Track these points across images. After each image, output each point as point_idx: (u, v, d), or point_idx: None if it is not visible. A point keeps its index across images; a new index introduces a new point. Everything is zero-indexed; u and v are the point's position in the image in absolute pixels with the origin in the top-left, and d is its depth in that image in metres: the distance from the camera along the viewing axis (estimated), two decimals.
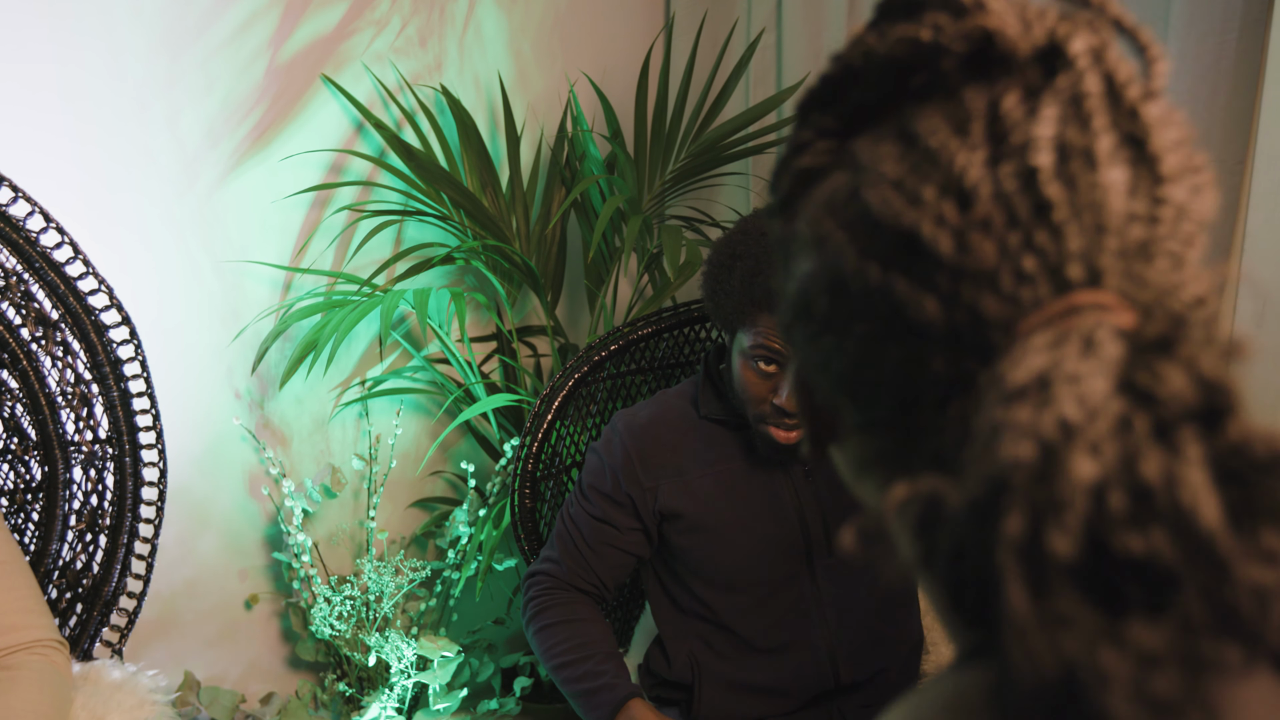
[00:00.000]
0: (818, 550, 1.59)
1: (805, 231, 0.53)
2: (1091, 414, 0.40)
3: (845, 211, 0.50)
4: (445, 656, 2.10)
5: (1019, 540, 0.39)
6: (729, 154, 2.30)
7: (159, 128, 1.96)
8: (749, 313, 1.44)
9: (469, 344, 2.18)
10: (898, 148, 0.48)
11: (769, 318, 1.42)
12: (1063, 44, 0.47)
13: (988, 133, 0.46)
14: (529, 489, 1.88)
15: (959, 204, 0.46)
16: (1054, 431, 0.39)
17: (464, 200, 2.17)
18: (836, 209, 0.50)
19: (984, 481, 0.41)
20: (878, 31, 0.50)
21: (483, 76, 2.38)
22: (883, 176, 0.48)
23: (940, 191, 0.46)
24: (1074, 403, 0.40)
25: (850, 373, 0.51)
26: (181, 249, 2.03)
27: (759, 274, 1.40)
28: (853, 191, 0.50)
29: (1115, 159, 0.46)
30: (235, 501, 2.20)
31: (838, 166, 0.52)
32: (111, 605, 1.81)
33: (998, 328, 0.46)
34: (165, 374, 2.00)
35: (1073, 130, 0.46)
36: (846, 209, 0.50)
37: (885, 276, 0.48)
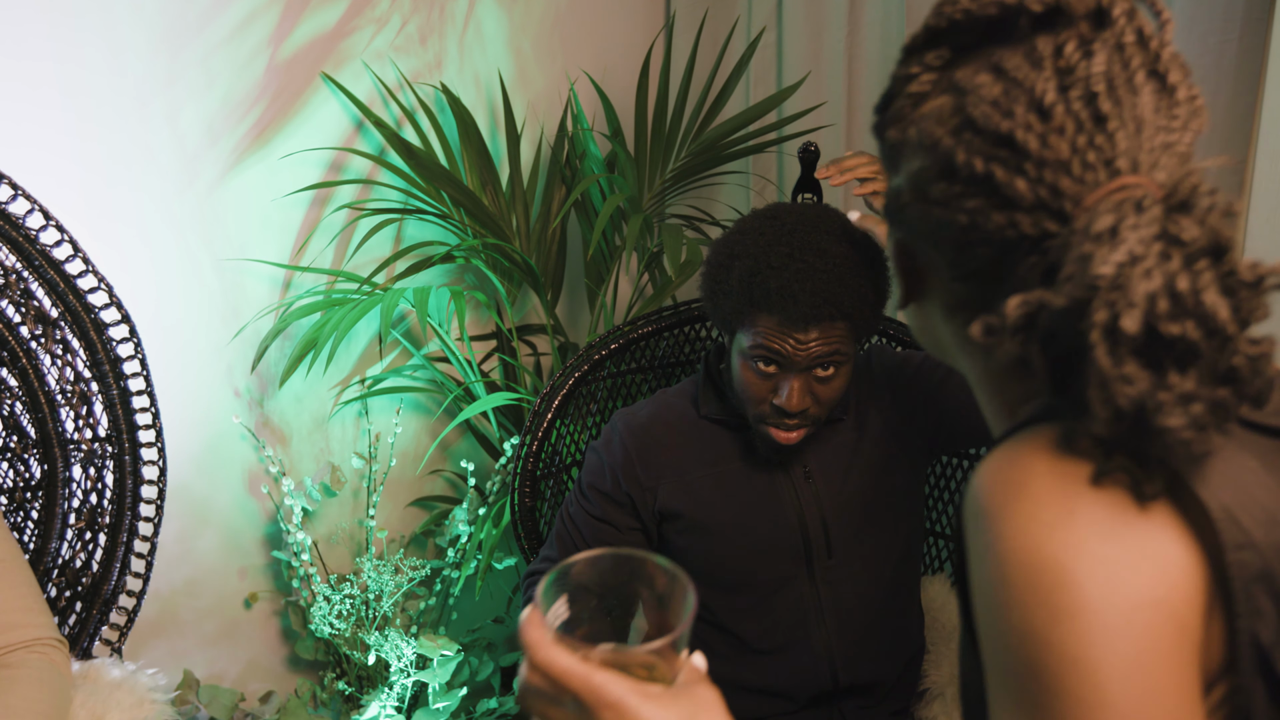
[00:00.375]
0: (817, 552, 1.59)
1: (915, 138, 0.75)
2: (1145, 251, 0.63)
3: (951, 121, 0.73)
4: (445, 655, 2.09)
5: (1105, 323, 0.62)
6: (729, 153, 2.30)
7: (159, 125, 1.95)
8: (748, 313, 1.43)
9: (469, 342, 2.17)
10: (991, 77, 0.71)
11: (768, 318, 1.41)
12: (1108, 8, 0.70)
13: (1055, 68, 0.69)
14: (529, 488, 1.88)
15: (1040, 116, 0.68)
16: (1125, 259, 0.63)
17: (464, 199, 2.17)
18: (944, 120, 0.73)
19: (1081, 289, 0.63)
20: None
21: (483, 75, 2.37)
22: (983, 97, 0.71)
23: (1027, 108, 0.69)
24: (1136, 243, 0.63)
25: (959, 236, 0.73)
26: (181, 247, 2.03)
27: (758, 274, 1.40)
28: (958, 108, 0.72)
29: (1146, 87, 0.69)
30: (235, 500, 2.20)
31: (941, 91, 0.74)
32: (111, 604, 1.81)
33: (1070, 199, 0.68)
34: (164, 372, 1.99)
35: (1117, 67, 0.69)
36: (952, 119, 0.73)
37: (988, 166, 0.70)
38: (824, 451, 1.61)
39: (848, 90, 2.37)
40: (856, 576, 1.60)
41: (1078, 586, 0.62)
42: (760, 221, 1.46)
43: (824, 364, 1.44)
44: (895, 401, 1.65)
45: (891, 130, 0.78)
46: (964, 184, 0.71)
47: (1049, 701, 0.62)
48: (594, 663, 0.67)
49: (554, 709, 0.68)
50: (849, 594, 1.61)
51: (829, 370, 1.45)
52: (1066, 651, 0.61)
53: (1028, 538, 0.64)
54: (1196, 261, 0.63)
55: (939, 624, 1.83)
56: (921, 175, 0.74)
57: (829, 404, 1.49)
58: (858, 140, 2.40)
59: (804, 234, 1.40)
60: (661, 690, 0.68)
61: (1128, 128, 0.68)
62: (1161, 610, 0.62)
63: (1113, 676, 0.61)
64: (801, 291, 1.37)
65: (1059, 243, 0.67)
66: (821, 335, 1.41)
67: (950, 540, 2.01)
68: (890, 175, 0.80)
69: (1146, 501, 0.64)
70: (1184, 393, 0.62)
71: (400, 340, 2.35)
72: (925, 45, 0.76)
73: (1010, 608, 0.64)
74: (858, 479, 1.60)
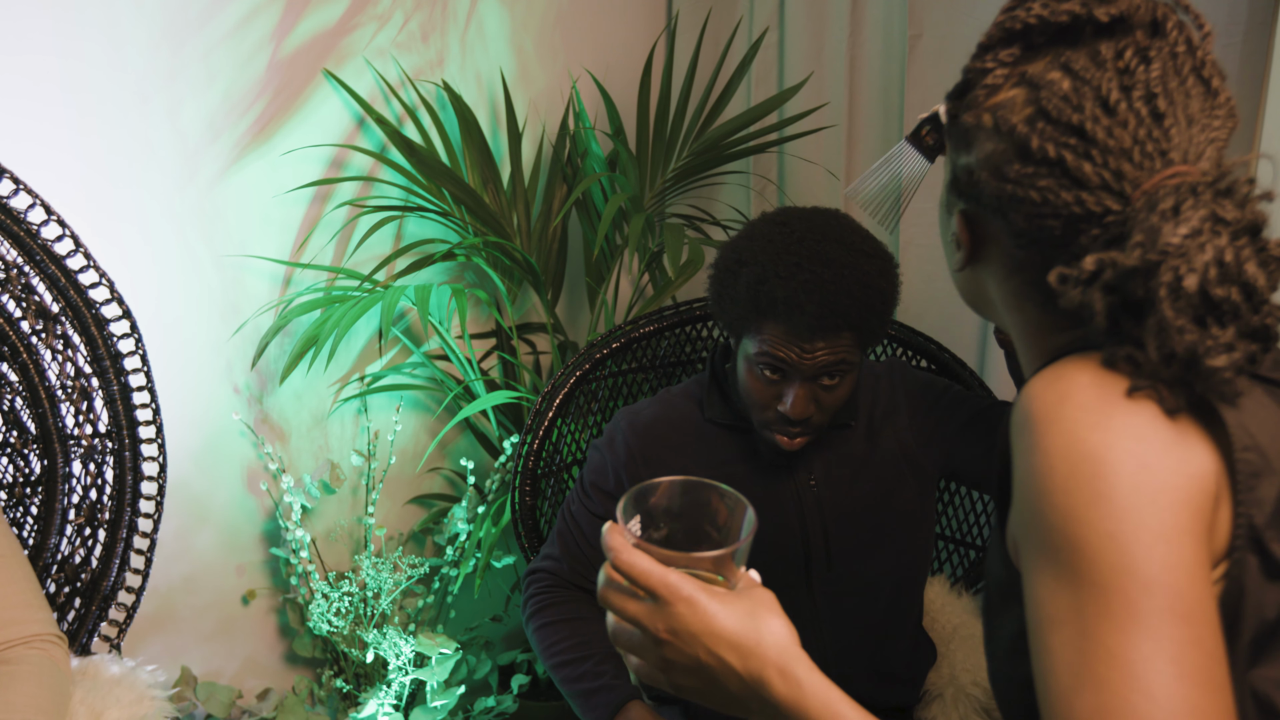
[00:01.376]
0: (817, 562, 1.58)
1: (991, 124, 0.87)
2: (1201, 228, 0.75)
3: (1026, 111, 0.84)
4: (443, 653, 2.09)
5: (1170, 282, 0.75)
6: (731, 153, 2.30)
7: (160, 121, 1.95)
8: (754, 320, 1.43)
9: (469, 340, 2.17)
10: (1061, 74, 0.83)
11: (774, 326, 1.41)
12: (1162, 21, 0.82)
13: (1116, 69, 0.81)
14: (530, 486, 1.88)
15: (1106, 111, 0.80)
16: (1189, 233, 0.75)
17: (465, 196, 2.16)
18: (1018, 110, 0.85)
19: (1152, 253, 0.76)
20: (1044, 3, 0.84)
21: (485, 73, 2.37)
22: (1056, 92, 0.82)
23: (1094, 103, 0.81)
24: (1195, 220, 0.75)
25: (1031, 210, 0.84)
26: (182, 243, 2.02)
27: (765, 282, 1.39)
28: (1031, 99, 0.84)
29: (1195, 90, 0.81)
30: (233, 497, 2.19)
31: (1014, 84, 0.86)
32: (110, 600, 1.81)
33: (1130, 182, 0.79)
34: (165, 368, 1.99)
35: (1171, 71, 0.81)
36: (1026, 109, 0.84)
37: (1060, 151, 0.82)
38: (830, 460, 1.60)
39: (849, 91, 2.37)
40: (856, 590, 1.60)
41: (1114, 474, 0.74)
42: (769, 227, 1.45)
43: (829, 373, 1.44)
44: (912, 424, 1.63)
45: (967, 115, 0.90)
46: (1037, 165, 0.83)
47: (1087, 572, 0.74)
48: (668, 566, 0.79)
49: (632, 603, 0.80)
50: (848, 607, 1.60)
51: (834, 379, 1.45)
52: (1103, 527, 0.73)
53: (1072, 435, 0.76)
54: (1239, 238, 0.76)
55: (939, 625, 1.83)
56: (997, 156, 0.86)
57: (833, 411, 1.49)
58: (859, 141, 2.40)
59: (813, 243, 1.39)
60: (726, 590, 0.81)
61: (1180, 124, 0.80)
62: (1181, 495, 0.74)
63: (1140, 547, 0.72)
64: (808, 303, 1.36)
65: (1120, 218, 0.80)
66: (828, 346, 1.40)
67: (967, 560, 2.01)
68: (960, 154, 0.92)
69: (1172, 413, 0.77)
70: (1226, 342, 0.75)
71: (400, 338, 2.35)
72: (1000, 44, 0.88)
73: (1054, 493, 0.76)
74: (864, 490, 1.59)
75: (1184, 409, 0.77)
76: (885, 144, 2.36)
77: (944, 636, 1.81)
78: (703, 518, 0.85)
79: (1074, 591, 0.74)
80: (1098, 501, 0.74)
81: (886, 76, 2.31)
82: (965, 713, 1.71)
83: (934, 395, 1.66)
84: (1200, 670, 0.71)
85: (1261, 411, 0.82)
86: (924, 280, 2.27)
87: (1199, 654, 0.71)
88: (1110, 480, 0.74)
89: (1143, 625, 0.72)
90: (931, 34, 2.16)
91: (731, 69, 2.40)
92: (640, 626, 0.80)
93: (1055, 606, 0.76)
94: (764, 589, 0.83)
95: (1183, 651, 0.71)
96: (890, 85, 2.31)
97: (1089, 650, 0.73)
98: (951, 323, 2.18)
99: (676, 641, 0.79)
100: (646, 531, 0.84)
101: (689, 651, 0.79)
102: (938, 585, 1.90)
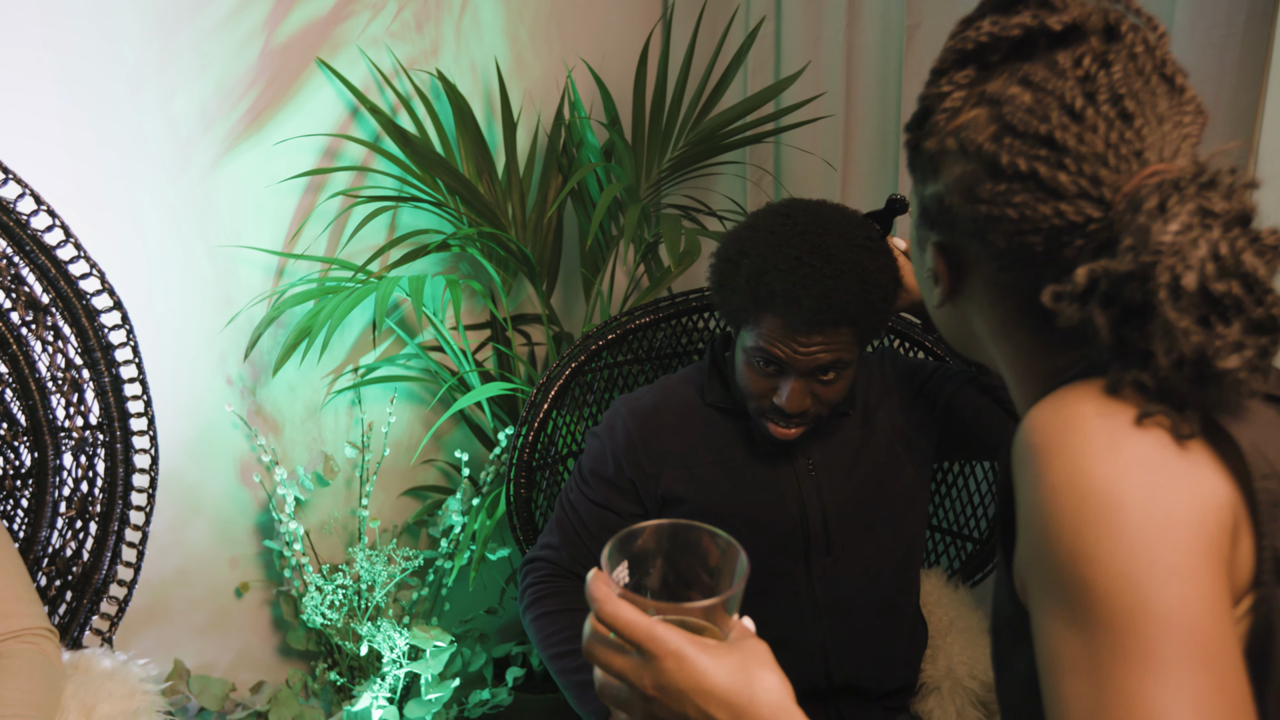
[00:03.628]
0: (815, 547, 1.58)
1: (956, 146, 0.83)
2: (1191, 223, 0.72)
3: (990, 129, 0.81)
4: (437, 646, 2.09)
5: (1169, 283, 0.72)
6: (727, 143, 2.29)
7: (152, 111, 1.93)
8: (752, 312, 1.43)
9: (463, 332, 2.16)
10: (1021, 88, 0.80)
11: (772, 319, 1.41)
12: (1115, 25, 0.80)
13: (1077, 77, 0.78)
14: (524, 478, 1.87)
15: (1073, 118, 0.78)
16: (1180, 229, 0.72)
17: (459, 186, 2.15)
18: (982, 129, 0.82)
19: (1146, 253, 0.73)
20: (994, 20, 0.82)
21: (479, 62, 2.36)
22: (1019, 106, 0.80)
23: (1060, 111, 0.78)
24: (1185, 216, 0.72)
25: (1009, 228, 0.81)
26: (174, 233, 2.01)
27: (764, 275, 1.38)
28: (994, 116, 0.81)
29: (1160, 88, 0.79)
30: (226, 489, 2.18)
31: (975, 105, 0.83)
32: (102, 593, 1.80)
33: (1109, 187, 0.77)
34: (157, 360, 1.98)
35: (1133, 73, 0.79)
36: (990, 127, 0.81)
37: (1031, 164, 0.79)
38: (829, 445, 1.60)
39: (846, 81, 2.36)
40: (854, 575, 1.60)
41: (1124, 508, 0.70)
42: (773, 219, 1.44)
43: (826, 369, 1.44)
44: (904, 406, 1.64)
45: (929, 142, 0.87)
46: (1010, 181, 0.80)
47: (1098, 613, 0.70)
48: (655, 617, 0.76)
49: (618, 657, 0.76)
50: (846, 592, 1.60)
51: (831, 375, 1.45)
52: (1113, 566, 0.69)
53: (1077, 468, 0.72)
54: (1231, 229, 0.73)
55: (935, 618, 1.82)
56: (968, 178, 0.83)
57: (830, 404, 1.49)
58: (856, 132, 2.40)
59: (814, 236, 1.38)
60: (716, 642, 0.77)
61: (1151, 123, 0.78)
62: (1195, 528, 0.70)
63: (1154, 585, 0.68)
64: (806, 297, 1.35)
65: (1104, 225, 0.77)
66: (825, 341, 1.40)
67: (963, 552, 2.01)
68: (928, 184, 0.89)
69: (1184, 440, 0.73)
70: (1235, 340, 0.72)
71: (394, 329, 2.34)
72: (954, 66, 0.85)
73: (1061, 530, 0.72)
74: (862, 476, 1.59)
75: (1198, 434, 0.74)
76: (883, 134, 2.35)
77: (940, 629, 1.81)
78: (694, 561, 0.82)
79: (1086, 634, 0.70)
80: (1107, 537, 0.70)
81: (884, 66, 2.30)
82: (962, 705, 1.71)
83: (923, 376, 1.67)
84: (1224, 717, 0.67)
85: (1275, 432, 0.78)
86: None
87: (1222, 699, 0.68)
88: (1120, 514, 0.70)
89: (1161, 669, 0.68)
90: (929, 24, 2.15)
91: (728, 58, 2.38)
92: (626, 682, 0.77)
93: (1066, 650, 0.72)
94: (757, 640, 0.80)
95: (1205, 696, 0.67)
96: (888, 75, 2.30)
97: (1104, 698, 0.69)
98: None
99: (664, 698, 0.75)
100: (635, 578, 0.81)
101: (677, 709, 0.75)
102: (934, 578, 1.89)
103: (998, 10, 0.84)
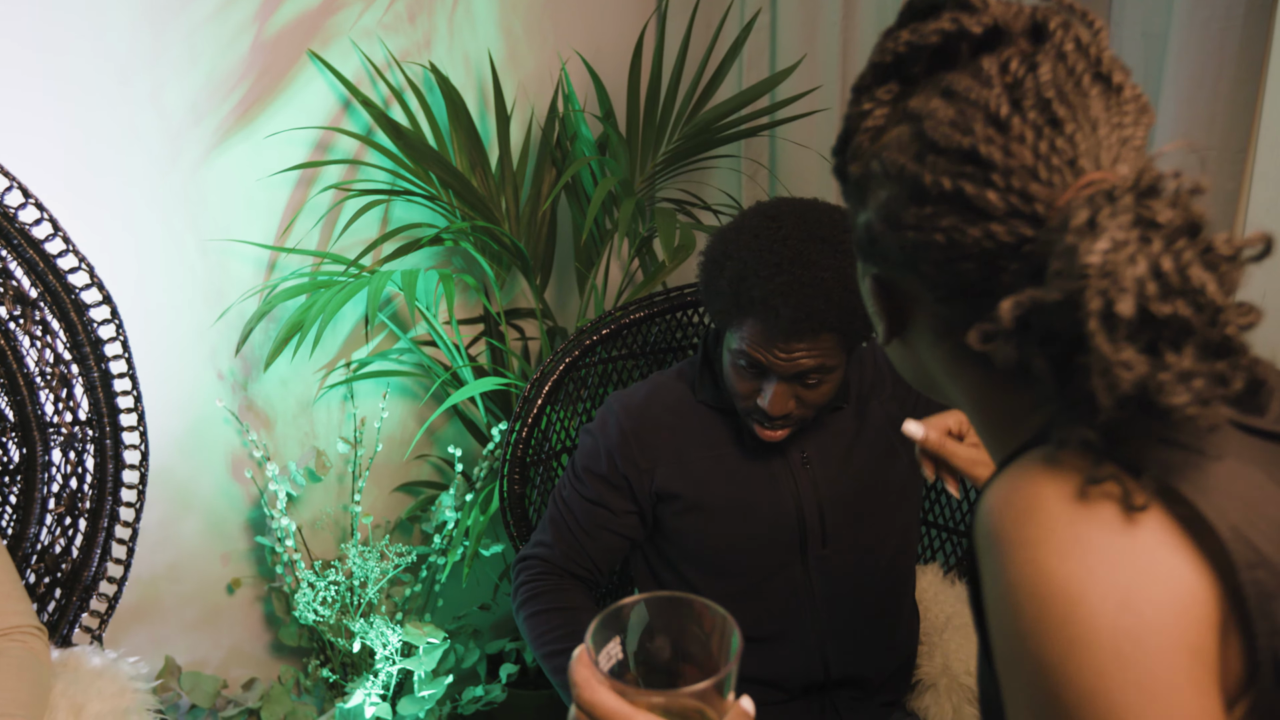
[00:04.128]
0: (812, 540, 1.58)
1: (879, 169, 0.75)
2: (1126, 236, 0.64)
3: (913, 147, 0.73)
4: (430, 643, 2.08)
5: (1100, 310, 0.63)
6: (723, 136, 2.28)
7: (142, 103, 1.92)
8: (735, 316, 1.42)
9: (456, 326, 2.15)
10: (943, 101, 0.72)
11: (753, 324, 1.40)
12: (1043, 23, 0.72)
13: (1003, 83, 0.70)
14: (518, 474, 1.86)
15: (998, 129, 0.69)
16: (1109, 246, 0.63)
17: (453, 180, 2.14)
18: (905, 147, 0.73)
19: (1072, 280, 0.64)
20: (912, 29, 0.75)
21: (472, 54, 2.34)
22: (940, 120, 0.71)
23: (984, 123, 0.70)
24: (1116, 230, 0.64)
25: (939, 256, 0.73)
26: (164, 227, 1.99)
27: (744, 280, 1.38)
28: (916, 133, 0.73)
29: (1094, 89, 0.71)
30: (218, 484, 2.17)
31: (897, 122, 0.75)
32: (91, 590, 1.78)
33: (1042, 202, 0.69)
34: (147, 355, 1.96)
35: (1063, 74, 0.70)
36: (913, 145, 0.73)
37: (956, 183, 0.70)
38: (823, 438, 1.60)
39: (843, 74, 2.35)
40: (851, 567, 1.59)
41: (1089, 617, 0.62)
42: (758, 220, 1.43)
43: (809, 375, 1.43)
44: (896, 394, 1.64)
45: (853, 166, 0.79)
46: (935, 204, 0.72)
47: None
48: (641, 706, 0.70)
49: None
50: (843, 585, 1.59)
51: (814, 379, 1.44)
52: (1084, 683, 0.62)
53: (1037, 566, 0.65)
54: (1176, 241, 0.65)
55: (931, 615, 1.82)
56: (892, 204, 0.75)
57: (815, 407, 1.49)
58: None
59: (796, 243, 1.37)
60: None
61: (1084, 129, 0.70)
62: (1173, 635, 0.62)
63: (1130, 706, 0.61)
64: (784, 305, 1.35)
65: (1038, 245, 0.68)
66: (807, 348, 1.40)
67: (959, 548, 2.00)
68: (859, 212, 0.81)
69: (1135, 511, 0.65)
70: (1183, 370, 0.63)
71: (387, 323, 2.32)
72: (874, 82, 0.78)
73: (1025, 637, 0.65)
74: (857, 468, 1.59)
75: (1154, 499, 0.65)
76: None
77: (937, 626, 1.80)
78: (685, 634, 0.77)
79: None
80: (1074, 651, 0.62)
81: None
82: (958, 703, 1.70)
83: None
84: None
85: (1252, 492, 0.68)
86: None
87: None
88: (1086, 624, 0.62)
89: None
90: None
91: (723, 51, 2.37)
92: None
93: None
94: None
95: None
96: None
97: None
98: None
99: None
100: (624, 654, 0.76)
101: None
102: (930, 574, 1.89)
103: (915, 18, 0.77)
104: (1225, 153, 1.68)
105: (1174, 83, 1.69)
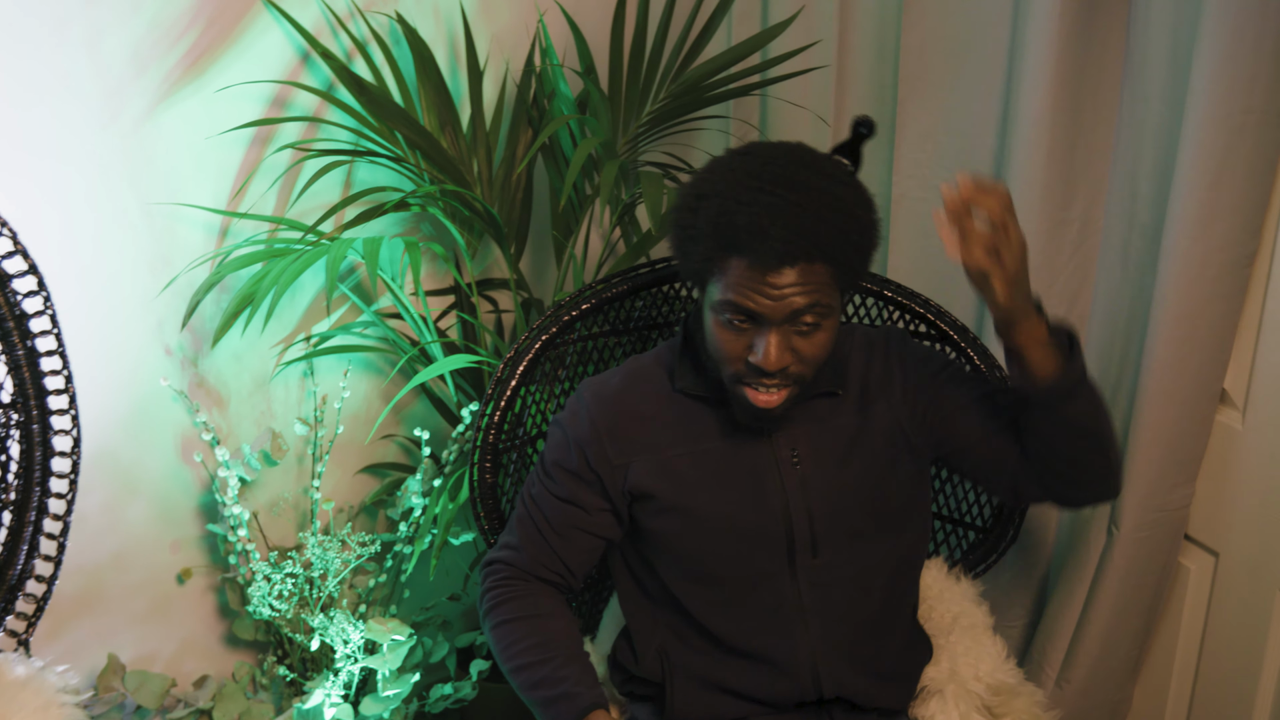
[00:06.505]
0: (801, 548, 1.47)
1: None
2: None
3: None
4: (395, 640, 1.96)
5: None
6: (711, 95, 2.16)
7: (77, 51, 1.79)
8: (717, 258, 1.31)
9: (424, 298, 2.06)
10: None
11: (739, 260, 1.29)
12: None
13: None
14: (490, 462, 1.73)
15: None
16: None
17: (420, 140, 2.04)
18: None
19: None
20: None
21: (443, 5, 2.21)
22: None
23: None
24: None
25: None
26: (104, 189, 1.87)
27: (725, 212, 1.28)
28: None
29: None
30: (166, 467, 2.06)
31: None
32: (16, 591, 1.66)
33: None
34: (84, 329, 1.85)
35: None
36: None
37: None
38: (816, 432, 1.48)
39: (840, 30, 2.24)
40: (845, 580, 1.49)
41: None
42: (732, 158, 1.35)
43: (804, 316, 1.31)
44: (905, 397, 1.51)
45: None
46: None
47: None
48: None
49: None
50: (837, 599, 1.49)
51: (811, 322, 1.32)
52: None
53: None
54: None
55: (936, 614, 1.73)
56: None
57: (814, 362, 1.36)
58: (850, 84, 2.27)
59: (779, 166, 1.29)
60: None
61: None
62: None
63: None
64: (773, 226, 1.24)
65: None
66: (799, 281, 1.28)
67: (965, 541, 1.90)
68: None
69: None
70: None
71: (349, 295, 2.21)
72: None
73: None
74: (854, 472, 1.48)
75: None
76: (879, 88, 2.23)
77: (943, 627, 1.71)
78: None
79: None
80: None
81: (882, 13, 2.18)
82: (966, 711, 1.61)
83: (933, 369, 1.54)
84: None
85: None
86: (919, 235, 2.17)
87: None
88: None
89: None
90: None
91: (713, 4, 2.26)
92: None
93: None
94: None
95: None
96: (886, 24, 2.18)
97: None
98: (947, 281, 2.07)
99: None
100: None
101: None
102: (935, 569, 1.79)
103: None
104: (1266, 116, 1.54)
105: (1211, 37, 1.55)
